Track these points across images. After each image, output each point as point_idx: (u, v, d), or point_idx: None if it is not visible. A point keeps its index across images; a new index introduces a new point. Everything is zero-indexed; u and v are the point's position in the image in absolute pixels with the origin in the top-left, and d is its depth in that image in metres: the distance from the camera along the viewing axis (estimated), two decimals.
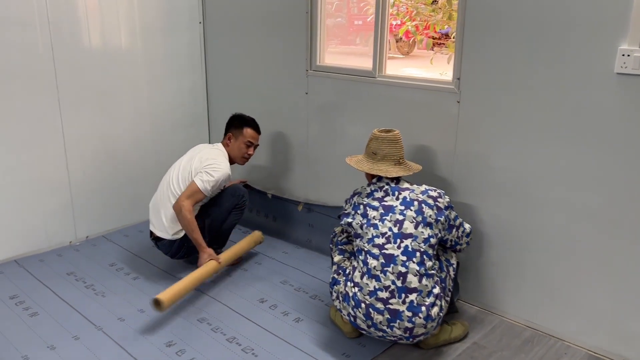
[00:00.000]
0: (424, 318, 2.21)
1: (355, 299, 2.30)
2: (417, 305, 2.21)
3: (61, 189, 3.35)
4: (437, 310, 2.25)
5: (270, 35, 3.45)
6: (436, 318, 2.26)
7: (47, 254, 3.30)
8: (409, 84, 2.80)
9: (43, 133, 3.21)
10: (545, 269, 2.50)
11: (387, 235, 2.30)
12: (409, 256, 2.25)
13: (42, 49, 3.10)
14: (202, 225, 2.97)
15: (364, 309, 2.27)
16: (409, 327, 2.22)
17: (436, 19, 4.31)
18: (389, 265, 2.25)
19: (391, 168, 2.43)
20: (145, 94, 3.65)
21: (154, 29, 3.61)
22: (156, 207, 3.01)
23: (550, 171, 2.39)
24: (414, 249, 2.26)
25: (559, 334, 2.50)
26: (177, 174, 2.99)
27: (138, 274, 3.08)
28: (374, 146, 2.48)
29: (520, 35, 2.35)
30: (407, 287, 2.22)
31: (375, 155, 2.46)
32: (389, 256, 2.26)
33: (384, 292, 2.23)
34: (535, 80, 2.35)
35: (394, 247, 2.27)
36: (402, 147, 2.50)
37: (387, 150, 2.44)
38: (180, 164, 3.05)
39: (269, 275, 3.09)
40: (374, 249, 2.29)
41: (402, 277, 2.23)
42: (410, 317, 2.21)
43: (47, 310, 2.69)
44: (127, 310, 2.70)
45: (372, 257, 2.29)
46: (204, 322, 2.61)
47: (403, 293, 2.22)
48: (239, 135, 3.09)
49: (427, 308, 2.22)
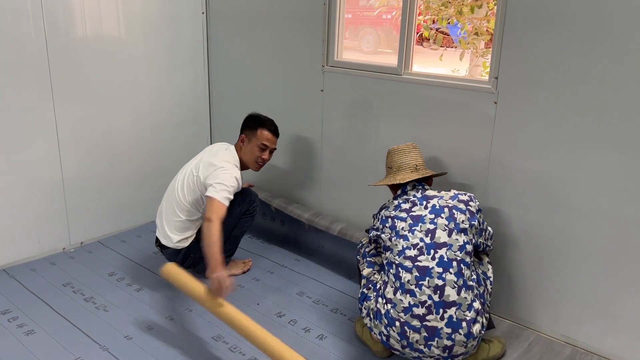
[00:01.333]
0: (464, 335, 2.05)
1: (388, 317, 2.12)
2: (456, 320, 2.05)
3: (54, 190, 3.08)
4: (478, 328, 2.09)
5: (282, 28, 3.22)
6: (478, 336, 2.10)
7: (39, 262, 3.03)
8: (439, 82, 2.62)
9: (35, 130, 2.94)
10: (585, 281, 2.35)
11: (419, 246, 2.14)
12: (445, 267, 2.09)
13: (35, 38, 2.83)
14: None
15: (398, 328, 2.09)
16: (448, 346, 2.05)
17: (448, 13, 4.13)
18: (424, 279, 2.08)
19: (408, 175, 2.35)
20: (144, 89, 3.40)
21: (154, 20, 3.36)
22: (161, 215, 2.79)
23: (598, 178, 2.23)
24: (450, 258, 2.11)
25: (601, 351, 2.36)
26: (183, 180, 2.74)
27: (141, 284, 2.84)
28: (388, 161, 2.48)
29: (572, 31, 2.17)
30: (445, 302, 2.06)
31: (391, 169, 2.45)
32: (423, 269, 2.09)
33: (420, 308, 2.06)
34: (587, 80, 2.18)
35: (428, 258, 2.11)
36: (419, 156, 2.44)
37: (400, 160, 2.41)
38: (187, 169, 2.78)
39: (284, 286, 2.88)
40: (406, 261, 2.12)
41: (439, 291, 2.06)
42: (449, 334, 2.04)
43: (45, 328, 2.44)
44: (133, 327, 2.47)
45: (404, 270, 2.12)
46: (220, 341, 2.39)
47: (441, 308, 2.05)
48: (252, 137, 2.79)
49: (467, 324, 2.06)
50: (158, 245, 2.84)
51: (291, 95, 3.28)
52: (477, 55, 4.50)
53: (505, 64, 2.38)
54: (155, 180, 3.46)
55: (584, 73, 2.17)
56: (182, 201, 2.70)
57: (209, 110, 3.80)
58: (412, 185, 2.36)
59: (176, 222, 2.72)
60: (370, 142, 2.96)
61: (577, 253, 2.35)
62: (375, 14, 8.21)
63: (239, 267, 3.00)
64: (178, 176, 2.82)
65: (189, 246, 2.72)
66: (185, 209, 2.70)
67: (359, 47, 9.85)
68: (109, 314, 2.56)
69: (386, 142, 2.88)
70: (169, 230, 2.72)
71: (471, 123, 2.54)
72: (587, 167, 2.25)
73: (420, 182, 2.38)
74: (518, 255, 2.52)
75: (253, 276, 2.97)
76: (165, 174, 3.28)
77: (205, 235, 2.36)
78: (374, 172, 2.94)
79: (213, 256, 2.29)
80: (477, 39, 4.38)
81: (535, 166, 2.38)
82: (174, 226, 2.71)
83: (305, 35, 3.11)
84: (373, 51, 9.80)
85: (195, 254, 2.74)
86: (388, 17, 9.74)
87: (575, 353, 2.37)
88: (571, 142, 2.27)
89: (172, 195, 2.75)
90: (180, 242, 2.71)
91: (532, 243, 2.46)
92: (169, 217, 2.73)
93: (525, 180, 2.42)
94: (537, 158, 2.37)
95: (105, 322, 2.50)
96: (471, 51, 4.54)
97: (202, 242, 2.40)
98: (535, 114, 2.34)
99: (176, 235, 2.70)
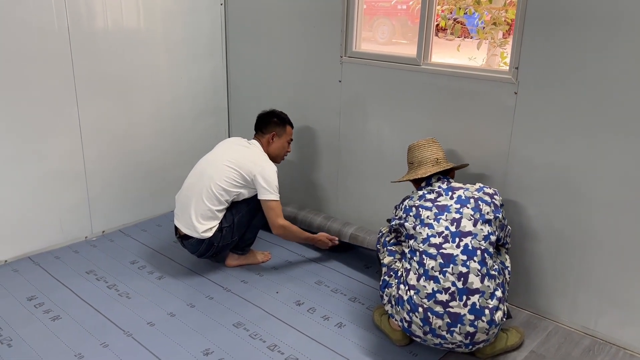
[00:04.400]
0: (487, 322, 2.07)
1: (411, 303, 2.14)
2: (479, 307, 2.07)
3: (77, 181, 3.14)
4: (500, 315, 2.12)
5: (300, 18, 3.23)
6: (499, 323, 2.12)
7: (63, 250, 3.10)
8: (459, 72, 2.61)
9: (58, 121, 2.99)
10: (604, 272, 2.35)
11: (445, 234, 2.16)
12: (470, 255, 2.11)
13: (58, 31, 2.87)
14: (231, 222, 2.79)
15: (421, 314, 2.11)
16: (470, 332, 2.07)
17: (466, 2, 4.10)
18: (448, 266, 2.10)
19: (429, 168, 2.39)
20: (163, 80, 3.43)
21: (174, 11, 3.38)
22: (185, 204, 2.81)
23: (618, 169, 2.22)
24: (475, 247, 2.13)
25: (620, 342, 2.36)
26: (217, 172, 2.76)
27: (162, 272, 2.89)
28: (409, 157, 2.51)
29: (594, 21, 2.16)
30: (469, 289, 2.07)
31: (413, 164, 2.49)
32: (447, 256, 2.12)
33: (444, 295, 2.08)
34: (609, 71, 2.16)
35: (453, 246, 2.13)
36: (440, 150, 2.47)
37: (421, 155, 2.45)
38: (220, 162, 2.81)
39: (302, 275, 2.91)
40: (431, 248, 2.15)
41: (463, 278, 2.08)
42: (472, 321, 2.06)
43: (70, 314, 2.50)
44: (156, 314, 2.52)
45: (429, 257, 2.14)
46: (241, 328, 2.43)
47: (464, 295, 2.07)
48: (282, 134, 2.96)
49: (490, 311, 2.08)
50: (179, 236, 2.88)
51: (309, 86, 3.30)
52: (495, 46, 4.46)
53: (526, 54, 2.37)
54: (175, 171, 3.51)
55: (606, 63, 2.16)
56: (214, 192, 2.73)
57: (227, 101, 3.83)
58: (436, 178, 2.39)
59: (205, 212, 2.74)
60: (389, 133, 2.97)
61: (596, 244, 2.34)
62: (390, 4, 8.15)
63: (258, 257, 3.03)
64: (206, 167, 2.83)
65: (212, 236, 2.76)
66: (217, 199, 2.74)
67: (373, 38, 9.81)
68: (132, 301, 2.62)
69: (404, 132, 2.89)
70: (195, 220, 2.74)
71: (491, 114, 2.54)
72: (608, 158, 2.24)
73: (444, 175, 2.40)
74: (537, 246, 2.52)
75: (272, 265, 3.01)
76: (184, 164, 3.32)
77: (293, 236, 2.86)
78: (392, 162, 2.96)
79: (307, 238, 2.90)
80: (495, 29, 4.34)
81: (555, 157, 2.38)
82: (202, 216, 2.74)
83: (323, 26, 3.11)
84: (388, 42, 9.74)
85: (218, 242, 2.79)
86: (403, 7, 9.66)
87: (594, 343, 2.38)
88: (592, 133, 2.26)
89: (202, 185, 2.76)
90: (205, 232, 2.74)
91: (552, 234, 2.46)
92: (198, 207, 2.74)
93: (545, 171, 2.42)
94: (557, 149, 2.36)
95: (128, 308, 2.55)
96: (489, 41, 4.50)
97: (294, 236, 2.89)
98: (555, 104, 2.33)
99: (202, 224, 2.73)
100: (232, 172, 2.75)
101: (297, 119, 3.38)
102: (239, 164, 2.77)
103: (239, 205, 2.83)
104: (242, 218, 2.84)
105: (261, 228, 2.97)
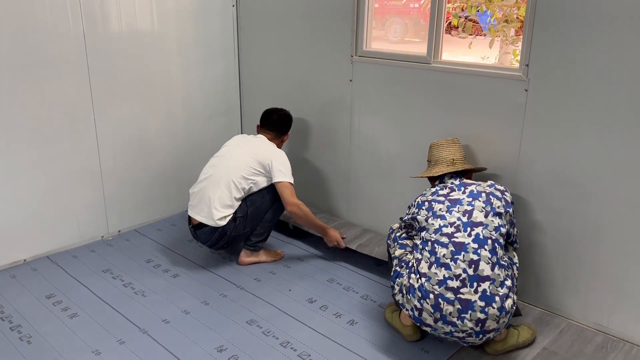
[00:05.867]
0: (497, 309, 2.07)
1: (422, 290, 2.15)
2: (490, 294, 2.08)
3: (93, 181, 3.20)
4: (510, 303, 2.12)
5: (311, 18, 3.26)
6: (510, 311, 2.11)
7: (80, 250, 3.16)
8: (469, 70, 2.62)
9: (74, 123, 3.05)
10: (617, 270, 2.34)
11: (456, 224, 2.20)
12: (481, 244, 2.14)
13: (74, 35, 2.93)
14: (244, 212, 2.85)
15: (432, 300, 2.12)
16: (481, 319, 2.07)
17: (478, 0, 4.09)
18: (459, 253, 2.12)
19: (444, 168, 2.45)
20: (177, 82, 3.48)
21: (187, 13, 3.43)
22: (202, 193, 2.87)
23: (630, 167, 2.21)
24: (486, 236, 2.16)
25: (633, 339, 2.35)
26: (240, 162, 2.87)
27: (177, 271, 2.94)
28: (429, 155, 2.59)
29: (605, 18, 2.15)
30: (480, 276, 2.09)
31: (430, 162, 2.57)
32: (459, 244, 2.14)
33: (455, 281, 2.09)
34: (620, 69, 2.15)
35: (464, 235, 2.16)
36: (458, 150, 2.52)
37: (439, 154, 2.51)
38: (235, 152, 2.94)
39: (314, 272, 2.94)
40: (443, 237, 2.18)
41: (474, 265, 2.10)
42: (483, 307, 2.06)
43: (87, 311, 2.55)
44: (171, 312, 2.56)
45: (440, 245, 2.17)
46: (254, 325, 2.47)
47: (475, 282, 2.08)
48: (281, 137, 3.14)
49: (501, 299, 2.08)
50: (192, 226, 2.93)
51: (320, 86, 3.32)
52: (507, 43, 4.44)
53: (537, 51, 2.37)
54: (189, 171, 3.56)
55: (617, 61, 2.15)
56: (233, 180, 2.82)
57: (239, 102, 3.87)
58: (449, 176, 2.44)
59: (223, 199, 2.81)
60: (400, 132, 2.98)
61: (608, 241, 2.34)
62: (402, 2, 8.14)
63: (271, 255, 3.07)
64: (223, 159, 2.94)
65: (225, 225, 2.81)
66: (235, 187, 2.83)
67: (385, 37, 9.79)
68: (147, 299, 2.66)
69: (415, 131, 2.90)
70: (212, 207, 2.81)
71: (502, 111, 2.54)
72: (619, 155, 2.23)
73: (458, 175, 2.43)
74: (548, 243, 2.52)
75: (284, 263, 3.04)
76: (198, 165, 3.36)
77: (305, 217, 2.86)
78: (403, 160, 2.97)
79: (318, 225, 2.93)
80: (507, 26, 4.32)
81: (566, 154, 2.37)
82: (220, 203, 2.81)
83: (333, 26, 3.13)
84: (400, 40, 9.72)
85: (231, 232, 2.84)
86: (415, 5, 9.64)
87: (607, 341, 2.37)
88: (602, 131, 2.25)
89: (221, 174, 2.85)
90: (220, 220, 2.80)
91: (563, 231, 2.46)
92: (216, 194, 2.81)
93: (556, 168, 2.42)
94: (568, 146, 2.36)
95: (144, 306, 2.60)
96: (501, 39, 4.49)
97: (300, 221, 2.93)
98: (566, 101, 2.33)
99: (219, 211, 2.80)
100: (250, 159, 2.86)
101: (308, 118, 3.42)
102: (254, 151, 2.90)
103: (253, 197, 2.89)
104: (255, 210, 2.89)
105: (273, 228, 3.02)
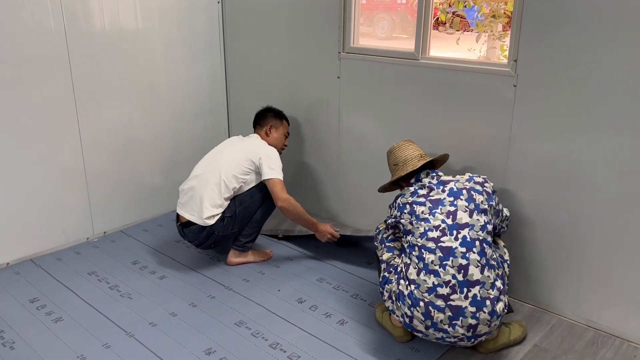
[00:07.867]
0: (488, 313, 2.06)
1: (412, 298, 2.13)
2: (480, 299, 2.06)
3: (77, 182, 3.14)
4: (502, 306, 2.11)
5: (297, 15, 3.22)
6: (501, 315, 2.11)
7: (65, 252, 3.10)
8: (457, 66, 2.60)
9: (57, 122, 2.98)
10: (607, 265, 2.33)
11: (441, 227, 2.15)
12: (469, 247, 2.11)
13: (55, 32, 2.87)
14: (233, 212, 2.82)
15: (422, 308, 2.10)
16: (472, 325, 2.06)
17: None
18: (447, 259, 2.09)
19: (417, 162, 2.40)
20: (162, 80, 3.43)
21: (171, 11, 3.37)
22: (193, 191, 2.83)
23: (619, 160, 2.20)
24: (473, 238, 2.12)
25: (624, 335, 2.34)
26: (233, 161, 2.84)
27: (164, 272, 2.89)
28: (392, 159, 2.51)
29: (592, 13, 2.14)
30: (469, 281, 2.07)
31: (397, 165, 2.47)
32: (446, 249, 2.11)
33: (444, 288, 2.07)
34: (608, 62, 2.14)
35: (451, 239, 2.13)
36: (419, 147, 2.51)
37: (404, 154, 2.45)
38: (227, 151, 2.91)
39: (304, 272, 2.91)
40: (429, 242, 2.14)
41: (464, 270, 2.08)
42: (474, 313, 2.05)
43: (72, 315, 2.50)
44: (157, 314, 2.52)
45: (428, 251, 2.13)
46: (243, 326, 2.43)
47: (465, 287, 2.06)
48: (279, 126, 3.07)
49: (491, 302, 2.07)
50: (180, 224, 2.89)
51: (308, 83, 3.28)
52: (494, 38, 4.44)
53: (525, 46, 2.35)
54: (175, 170, 3.51)
55: (605, 55, 2.14)
56: (224, 178, 2.79)
57: (226, 100, 3.82)
58: (425, 173, 2.37)
59: (213, 198, 2.78)
60: (388, 128, 2.96)
61: (599, 236, 2.33)
62: None
63: (260, 255, 3.03)
64: (215, 157, 2.91)
65: (213, 224, 2.78)
66: (225, 186, 2.79)
67: (373, 33, 9.77)
68: (134, 302, 2.62)
69: (404, 127, 2.87)
70: (202, 205, 2.77)
71: (490, 107, 2.53)
72: (608, 150, 2.22)
73: (433, 170, 2.39)
74: (538, 239, 2.51)
75: (273, 263, 3.00)
76: (184, 164, 3.32)
77: (296, 213, 2.80)
78: None
79: (309, 221, 2.87)
80: (494, 21, 4.31)
81: (555, 149, 2.36)
82: (210, 202, 2.78)
83: (320, 23, 3.10)
84: (388, 37, 9.71)
85: (218, 232, 2.81)
86: (403, 1, 9.64)
87: (598, 336, 2.36)
88: (591, 125, 2.24)
89: (212, 173, 2.81)
90: (209, 219, 2.76)
91: (553, 226, 2.45)
92: (206, 193, 2.78)
93: (545, 163, 2.40)
94: (557, 141, 2.35)
95: (130, 309, 2.55)
96: (488, 34, 4.48)
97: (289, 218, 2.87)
98: (554, 96, 2.31)
99: (208, 210, 2.76)
100: (241, 157, 2.84)
101: (296, 116, 3.38)
102: (245, 149, 2.89)
103: (241, 197, 2.86)
104: (244, 210, 2.85)
105: (261, 229, 2.99)
